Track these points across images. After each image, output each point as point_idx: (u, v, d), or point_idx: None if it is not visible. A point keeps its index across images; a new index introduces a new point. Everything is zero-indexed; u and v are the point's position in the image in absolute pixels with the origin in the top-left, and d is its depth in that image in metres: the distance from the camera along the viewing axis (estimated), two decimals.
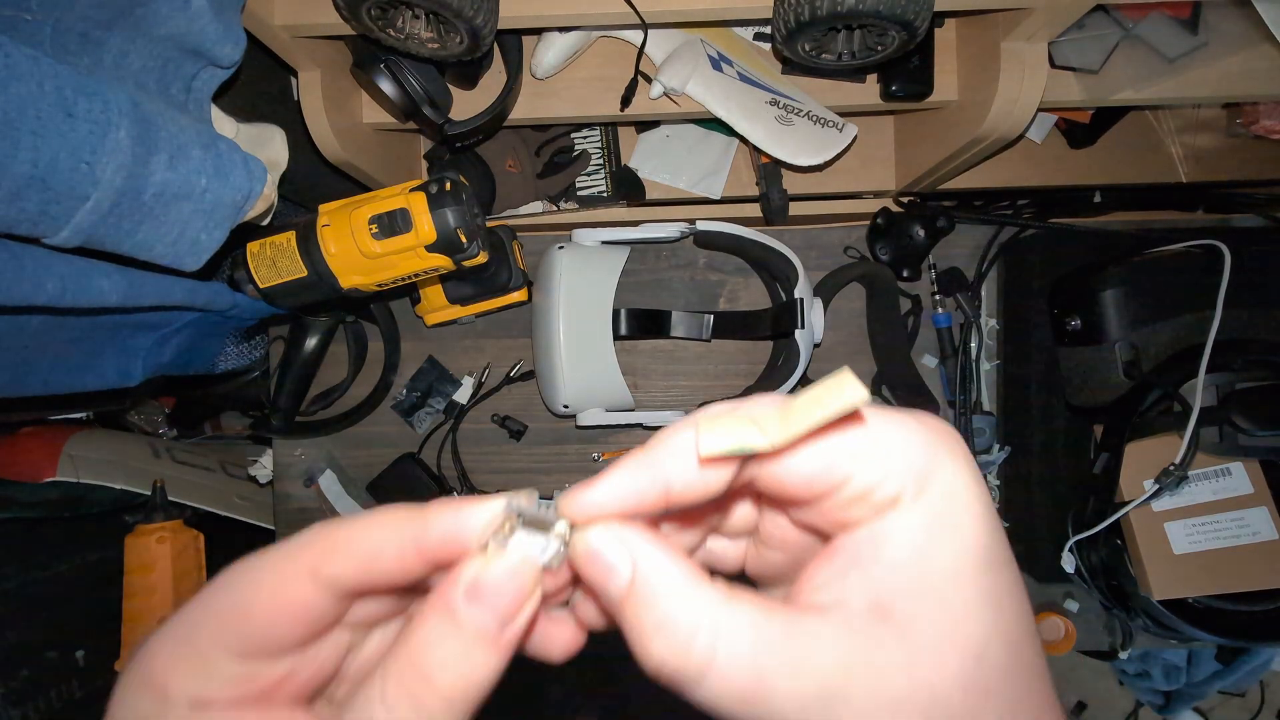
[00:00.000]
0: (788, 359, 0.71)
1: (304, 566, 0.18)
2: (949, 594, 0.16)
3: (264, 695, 0.18)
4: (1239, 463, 0.63)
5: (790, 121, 0.63)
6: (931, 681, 0.15)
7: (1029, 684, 0.16)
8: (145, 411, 1.16)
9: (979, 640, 0.16)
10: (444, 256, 0.51)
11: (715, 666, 0.16)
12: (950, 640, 0.16)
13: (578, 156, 0.81)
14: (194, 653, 0.18)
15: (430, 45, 0.52)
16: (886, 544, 0.16)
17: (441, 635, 0.17)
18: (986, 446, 0.77)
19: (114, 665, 0.56)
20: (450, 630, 0.17)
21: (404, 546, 0.18)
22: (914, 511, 0.16)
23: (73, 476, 0.89)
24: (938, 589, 0.16)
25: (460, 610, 0.17)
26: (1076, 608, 0.79)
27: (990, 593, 0.16)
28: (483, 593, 0.17)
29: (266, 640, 0.18)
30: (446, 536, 0.18)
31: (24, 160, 0.33)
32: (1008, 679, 0.16)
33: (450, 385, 0.83)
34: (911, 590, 0.16)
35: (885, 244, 0.79)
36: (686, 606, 0.16)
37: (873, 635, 0.16)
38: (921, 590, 0.16)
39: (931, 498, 0.16)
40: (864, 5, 0.44)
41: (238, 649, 0.18)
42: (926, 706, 0.15)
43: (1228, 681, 1.31)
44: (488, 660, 0.17)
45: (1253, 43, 0.56)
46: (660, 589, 0.16)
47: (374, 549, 0.18)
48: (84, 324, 0.55)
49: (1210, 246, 0.65)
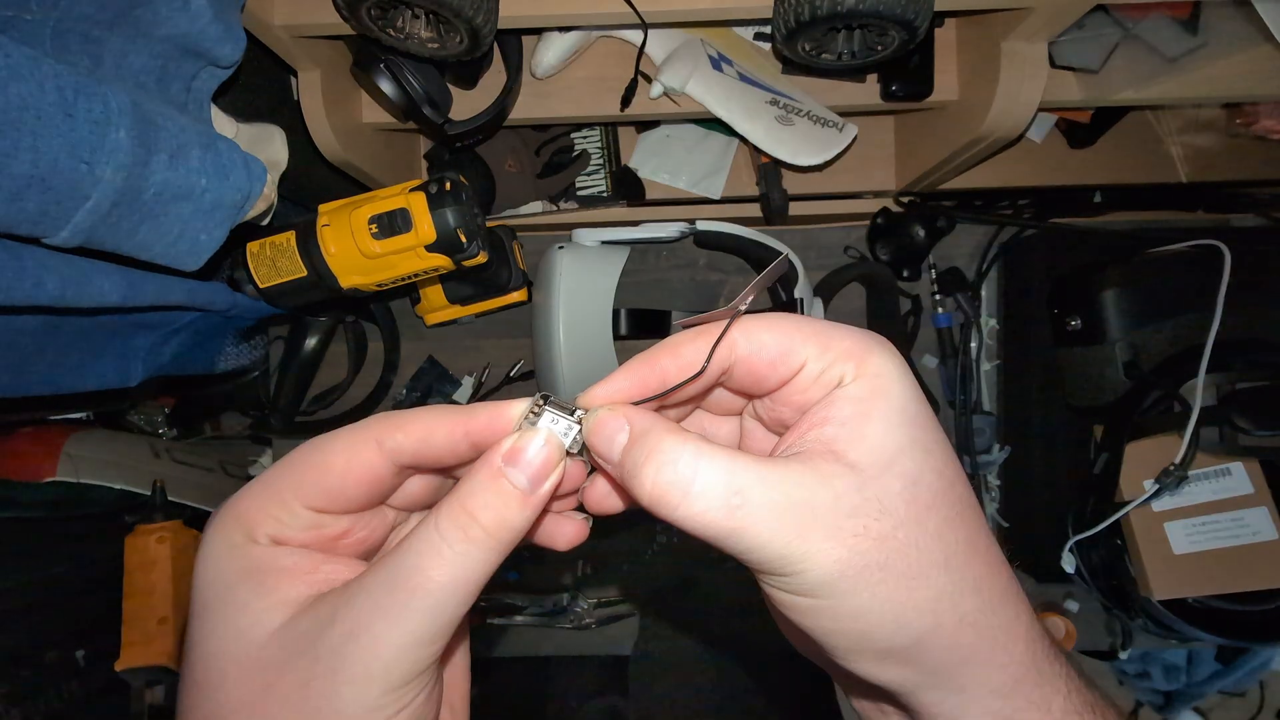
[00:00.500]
0: None
1: (371, 437, 0.22)
2: (887, 439, 0.20)
3: (329, 543, 0.23)
4: (1239, 463, 0.63)
5: (790, 121, 0.63)
6: (879, 496, 0.19)
7: (961, 509, 0.20)
8: (145, 411, 1.16)
9: (913, 470, 0.20)
10: (444, 256, 0.51)
11: (696, 485, 0.19)
12: (890, 469, 0.19)
13: (578, 156, 0.81)
14: (277, 501, 0.22)
15: (430, 45, 0.52)
16: (835, 409, 0.20)
17: (485, 486, 0.21)
18: (986, 446, 0.77)
19: (114, 665, 0.56)
20: (491, 483, 0.21)
21: (454, 428, 0.22)
22: (854, 385, 0.20)
23: (73, 476, 0.89)
24: (878, 435, 0.20)
25: (499, 468, 0.21)
26: (1076, 608, 0.79)
27: (919, 439, 0.20)
28: (518, 457, 0.21)
29: (337, 495, 0.22)
30: (489, 421, 0.22)
31: (24, 160, 0.33)
32: (942, 498, 0.20)
33: (450, 385, 0.83)
34: (857, 438, 0.20)
35: (885, 244, 0.79)
36: (672, 441, 0.20)
37: (829, 468, 0.19)
38: (865, 436, 0.20)
39: (866, 376, 0.20)
40: (864, 5, 0.44)
41: (313, 501, 0.22)
42: (878, 514, 0.19)
43: (1228, 681, 1.31)
44: (521, 512, 0.21)
45: (1253, 43, 0.56)
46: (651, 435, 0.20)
47: (428, 428, 0.22)
48: (84, 324, 0.55)
49: (1210, 246, 0.65)
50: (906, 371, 0.21)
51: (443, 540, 0.20)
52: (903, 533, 0.19)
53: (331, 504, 0.23)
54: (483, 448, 0.22)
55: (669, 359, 0.22)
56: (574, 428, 0.22)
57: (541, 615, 0.82)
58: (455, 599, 0.20)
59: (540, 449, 0.21)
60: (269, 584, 0.21)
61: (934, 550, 0.19)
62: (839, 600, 0.19)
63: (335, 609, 0.20)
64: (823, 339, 0.21)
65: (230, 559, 0.21)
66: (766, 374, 0.22)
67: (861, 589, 0.19)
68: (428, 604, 0.19)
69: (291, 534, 0.22)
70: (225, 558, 0.22)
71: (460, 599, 0.20)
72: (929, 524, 0.19)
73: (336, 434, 0.23)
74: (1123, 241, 0.73)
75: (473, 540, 0.20)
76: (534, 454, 0.21)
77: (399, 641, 0.19)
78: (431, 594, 0.19)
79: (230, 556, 0.22)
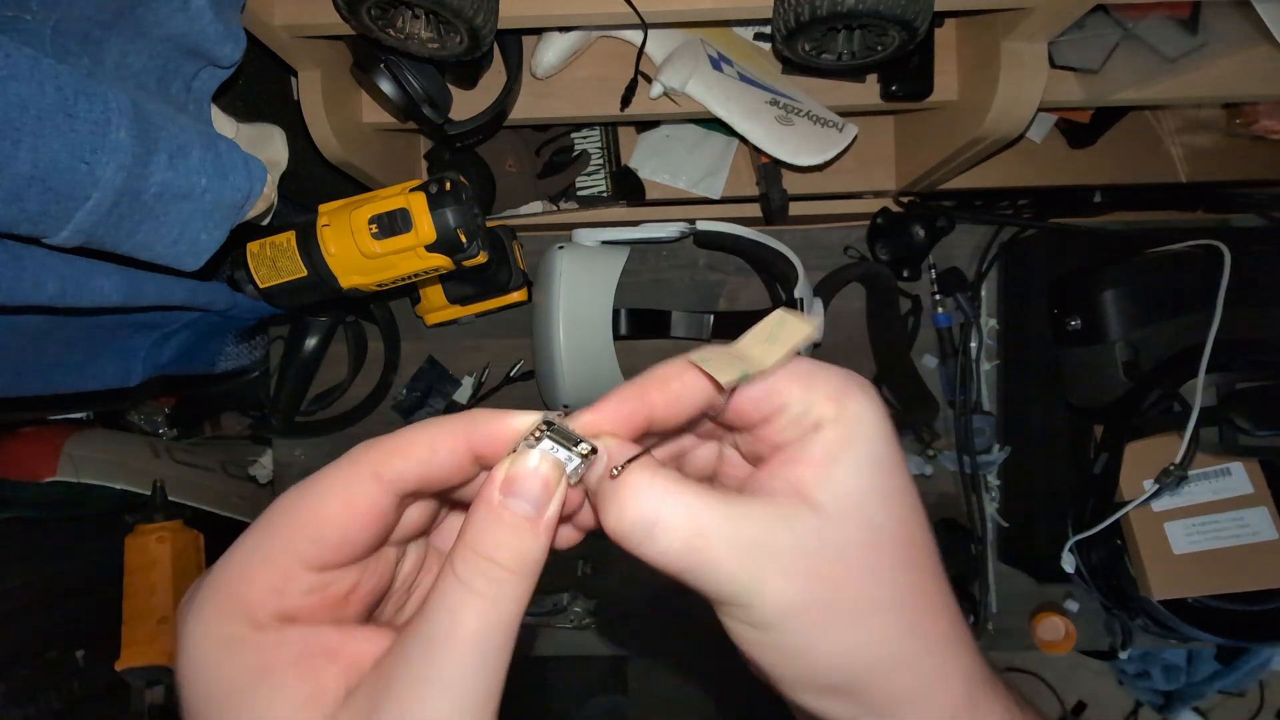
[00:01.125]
0: None
1: (367, 470, 0.20)
2: (853, 484, 0.20)
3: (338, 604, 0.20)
4: (1239, 463, 0.63)
5: (790, 121, 0.63)
6: (836, 540, 0.20)
7: (915, 555, 0.21)
8: (145, 411, 1.16)
9: (874, 516, 0.20)
10: (444, 256, 0.51)
11: (660, 525, 0.19)
12: (851, 514, 0.20)
13: (578, 156, 0.81)
14: (272, 568, 0.19)
15: (430, 45, 0.52)
16: (808, 450, 0.21)
17: (492, 523, 0.19)
18: (986, 446, 0.77)
19: (114, 665, 0.56)
20: (497, 518, 0.19)
21: (456, 442, 0.20)
22: (830, 429, 0.21)
23: (73, 476, 0.89)
24: (845, 480, 0.20)
25: (499, 501, 0.20)
26: (1076, 608, 0.79)
27: (883, 486, 0.21)
28: (516, 484, 0.20)
29: (341, 546, 0.20)
30: (492, 432, 0.21)
31: (24, 160, 0.33)
32: (897, 544, 0.21)
33: (450, 385, 0.83)
34: (823, 481, 0.20)
35: (885, 244, 0.79)
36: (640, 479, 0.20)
37: (792, 509, 0.20)
38: (831, 480, 0.20)
39: (843, 420, 0.21)
40: (864, 5, 0.44)
41: (315, 559, 0.19)
42: (833, 557, 0.20)
43: (1228, 681, 1.31)
44: (536, 540, 0.20)
45: (1252, 43, 0.56)
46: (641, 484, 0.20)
47: (429, 447, 0.20)
48: (84, 324, 0.55)
49: (1210, 246, 0.65)
50: (883, 417, 0.22)
51: (468, 589, 0.19)
52: (854, 576, 0.20)
53: (336, 557, 0.20)
54: (489, 461, 0.21)
55: (657, 393, 0.22)
56: (574, 459, 0.20)
57: (541, 615, 0.82)
58: (498, 645, 0.19)
59: (536, 472, 0.20)
60: (291, 683, 0.18)
61: (880, 595, 0.20)
62: (786, 636, 0.20)
63: (375, 701, 0.18)
64: (806, 380, 0.22)
65: (234, 657, 0.18)
66: (750, 411, 0.22)
67: (806, 627, 0.20)
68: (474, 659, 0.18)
69: (298, 604, 0.19)
70: (226, 656, 0.18)
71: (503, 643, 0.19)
72: (880, 569, 0.20)
73: (324, 474, 0.20)
74: (1123, 241, 0.73)
75: (497, 580, 0.19)
76: (531, 476, 0.20)
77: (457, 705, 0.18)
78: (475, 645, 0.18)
79: (233, 653, 0.18)
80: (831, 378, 0.22)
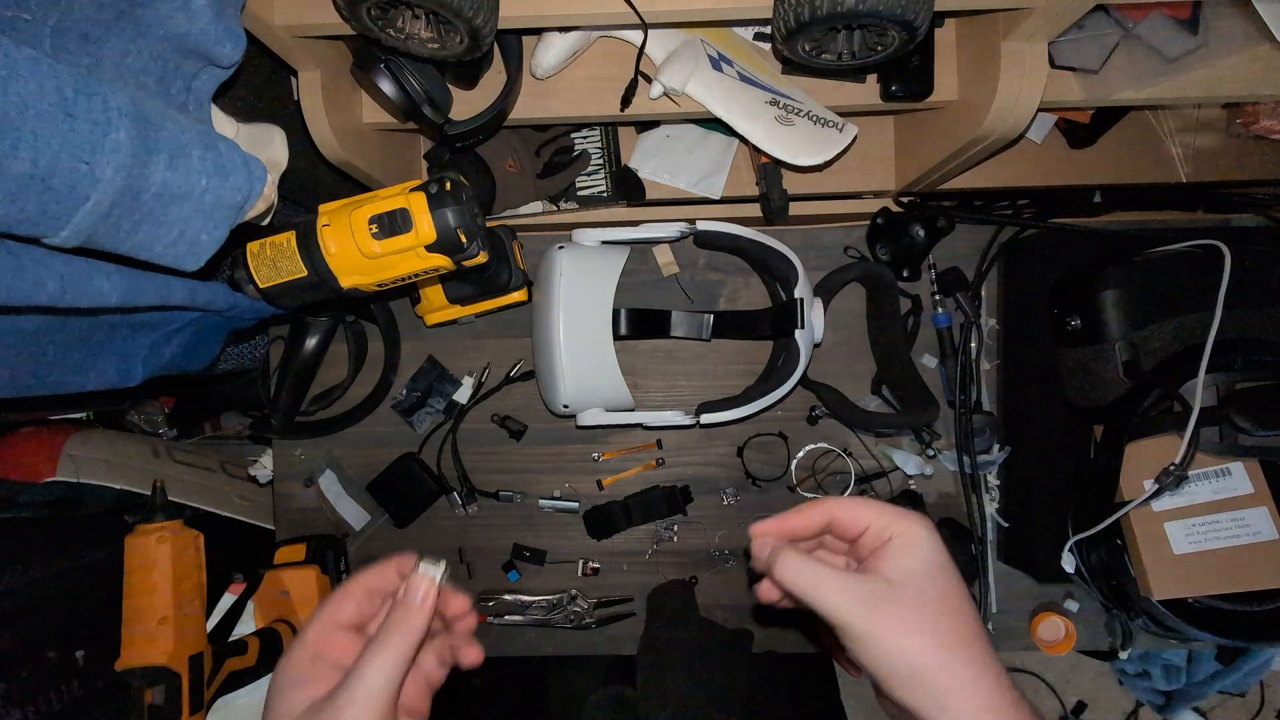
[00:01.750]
0: (788, 359, 0.71)
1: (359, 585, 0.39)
2: (907, 567, 0.35)
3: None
4: (1239, 463, 0.63)
5: (790, 121, 0.63)
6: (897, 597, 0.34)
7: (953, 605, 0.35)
8: (145, 411, 1.16)
9: (923, 584, 0.35)
10: (444, 256, 0.51)
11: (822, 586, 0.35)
12: (908, 584, 0.35)
13: (578, 156, 0.81)
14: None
15: (430, 45, 0.52)
16: (889, 557, 0.36)
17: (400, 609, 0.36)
18: (986, 446, 0.77)
19: (114, 665, 0.56)
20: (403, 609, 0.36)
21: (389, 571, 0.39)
22: (899, 538, 0.36)
23: (73, 476, 0.89)
24: (904, 566, 0.35)
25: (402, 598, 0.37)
26: (1076, 608, 0.79)
27: (928, 571, 0.35)
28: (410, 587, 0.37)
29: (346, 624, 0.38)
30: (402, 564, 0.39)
31: (24, 160, 0.33)
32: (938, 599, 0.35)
33: (450, 385, 0.83)
34: (894, 567, 0.35)
35: (885, 244, 0.79)
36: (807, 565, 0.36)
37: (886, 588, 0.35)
38: (899, 567, 0.35)
39: (905, 533, 0.36)
40: (864, 5, 0.44)
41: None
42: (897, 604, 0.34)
43: (1228, 681, 1.31)
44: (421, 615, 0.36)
45: (1252, 43, 0.56)
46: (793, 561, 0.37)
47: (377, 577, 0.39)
48: (84, 324, 0.55)
49: (1210, 246, 0.65)
50: (933, 532, 0.36)
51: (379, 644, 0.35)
52: (908, 615, 0.34)
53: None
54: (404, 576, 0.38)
55: (798, 521, 0.40)
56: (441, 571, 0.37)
57: (541, 614, 0.82)
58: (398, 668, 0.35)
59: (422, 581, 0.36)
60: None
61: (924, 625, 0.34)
62: (875, 643, 0.34)
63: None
64: (884, 514, 0.37)
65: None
66: (850, 529, 0.38)
67: (885, 639, 0.34)
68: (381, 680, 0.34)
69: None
70: None
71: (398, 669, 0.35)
72: (926, 611, 0.34)
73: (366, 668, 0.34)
74: (1123, 241, 0.73)
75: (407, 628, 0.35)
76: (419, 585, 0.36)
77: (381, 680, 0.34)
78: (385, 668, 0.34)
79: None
80: (900, 514, 0.37)
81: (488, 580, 0.84)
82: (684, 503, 0.82)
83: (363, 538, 0.84)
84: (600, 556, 0.83)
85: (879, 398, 0.81)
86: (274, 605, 0.74)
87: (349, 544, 0.83)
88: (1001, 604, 0.80)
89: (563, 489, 0.84)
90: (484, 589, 0.83)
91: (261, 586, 0.75)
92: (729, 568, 0.83)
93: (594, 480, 0.83)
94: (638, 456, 0.84)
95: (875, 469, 0.81)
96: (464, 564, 0.84)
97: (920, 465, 0.80)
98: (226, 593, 0.78)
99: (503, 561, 0.84)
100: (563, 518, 0.84)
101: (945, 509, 0.82)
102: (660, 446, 0.83)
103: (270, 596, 0.75)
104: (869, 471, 0.81)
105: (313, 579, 0.75)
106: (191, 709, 0.56)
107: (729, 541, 0.83)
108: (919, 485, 0.82)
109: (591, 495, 0.84)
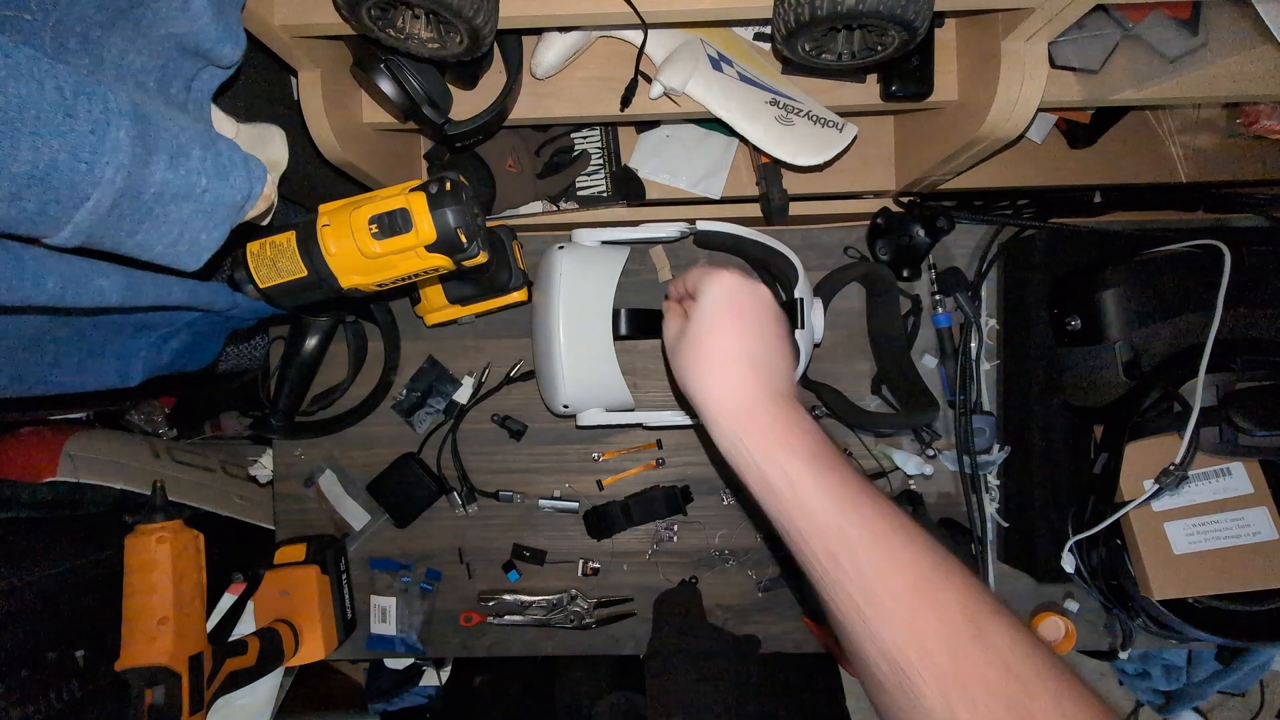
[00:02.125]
0: None
1: None
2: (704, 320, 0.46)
3: None
4: (1239, 463, 0.63)
5: (790, 121, 0.63)
6: (691, 343, 0.46)
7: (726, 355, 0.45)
8: (145, 411, 1.16)
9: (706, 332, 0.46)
10: (444, 256, 0.51)
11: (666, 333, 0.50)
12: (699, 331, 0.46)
13: (578, 156, 0.81)
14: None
15: (430, 45, 0.52)
16: (693, 305, 0.47)
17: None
18: (986, 446, 0.77)
19: (114, 665, 0.56)
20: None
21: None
22: (699, 293, 0.47)
23: (73, 476, 0.89)
24: (699, 317, 0.46)
25: None
26: (1076, 608, 0.79)
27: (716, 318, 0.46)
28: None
29: None
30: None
31: (24, 160, 0.33)
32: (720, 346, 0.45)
33: (450, 385, 0.83)
34: (693, 316, 0.47)
35: (885, 244, 0.79)
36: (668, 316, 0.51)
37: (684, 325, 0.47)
38: (695, 317, 0.46)
39: (701, 288, 0.47)
40: (864, 5, 0.44)
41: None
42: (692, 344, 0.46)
43: (1228, 681, 1.31)
44: None
45: (1252, 43, 0.56)
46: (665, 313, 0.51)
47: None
48: (84, 324, 0.55)
49: (1210, 246, 0.65)
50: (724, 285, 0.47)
51: None
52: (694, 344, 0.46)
53: None
54: None
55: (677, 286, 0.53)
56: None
57: (541, 615, 0.82)
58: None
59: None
60: None
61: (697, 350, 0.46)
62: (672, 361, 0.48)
63: None
64: (696, 275, 0.49)
65: None
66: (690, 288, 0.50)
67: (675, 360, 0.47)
68: None
69: None
70: None
71: None
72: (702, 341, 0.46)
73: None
74: (1123, 241, 0.73)
75: None
76: None
77: None
78: None
79: None
80: (708, 270, 0.48)
81: (488, 580, 0.84)
82: (684, 503, 0.82)
83: (363, 538, 0.84)
84: (600, 556, 0.83)
85: (879, 398, 0.81)
86: (274, 605, 0.74)
87: (349, 544, 0.83)
88: None
89: (563, 489, 0.84)
90: (484, 589, 0.83)
91: (261, 586, 0.75)
92: (729, 567, 0.83)
93: (594, 480, 0.83)
94: (638, 456, 0.84)
95: (875, 469, 0.81)
96: (464, 564, 0.84)
97: (920, 465, 0.80)
98: (226, 593, 0.78)
99: (503, 561, 0.84)
100: (563, 518, 0.84)
101: (945, 509, 0.82)
102: (660, 446, 0.83)
103: (270, 596, 0.75)
104: (869, 471, 0.81)
105: (313, 579, 0.75)
106: (191, 709, 0.56)
107: (729, 541, 0.83)
108: (919, 485, 0.82)
109: (591, 495, 0.84)
